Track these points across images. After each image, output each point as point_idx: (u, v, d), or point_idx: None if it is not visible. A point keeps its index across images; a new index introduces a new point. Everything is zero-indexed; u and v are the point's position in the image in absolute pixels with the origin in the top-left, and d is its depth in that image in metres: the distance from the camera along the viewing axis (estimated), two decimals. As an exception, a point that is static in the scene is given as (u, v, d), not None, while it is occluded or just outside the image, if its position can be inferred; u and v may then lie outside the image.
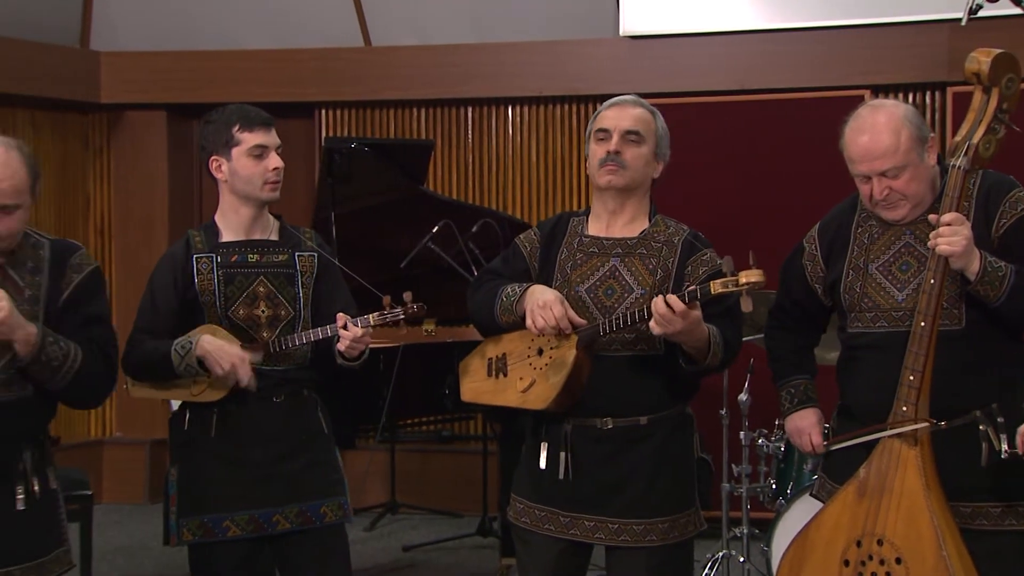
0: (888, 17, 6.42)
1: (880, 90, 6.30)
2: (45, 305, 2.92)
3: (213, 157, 3.46)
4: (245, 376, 3.35)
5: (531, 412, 3.25)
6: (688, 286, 3.00)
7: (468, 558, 6.08)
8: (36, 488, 2.93)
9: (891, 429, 2.95)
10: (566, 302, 3.12)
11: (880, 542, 2.93)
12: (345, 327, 3.38)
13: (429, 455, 7.21)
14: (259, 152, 3.43)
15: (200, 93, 7.08)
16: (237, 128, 3.43)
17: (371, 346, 3.51)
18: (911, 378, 2.91)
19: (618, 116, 3.23)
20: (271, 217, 3.56)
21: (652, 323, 2.95)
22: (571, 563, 3.25)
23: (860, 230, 3.16)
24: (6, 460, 2.88)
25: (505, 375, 3.27)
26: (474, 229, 5.38)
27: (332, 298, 3.55)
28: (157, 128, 7.42)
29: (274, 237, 3.53)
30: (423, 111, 7.28)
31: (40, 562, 2.94)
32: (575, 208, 6.97)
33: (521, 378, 3.22)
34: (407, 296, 3.50)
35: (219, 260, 3.44)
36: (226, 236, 3.48)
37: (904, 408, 2.92)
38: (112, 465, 7.30)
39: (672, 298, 2.91)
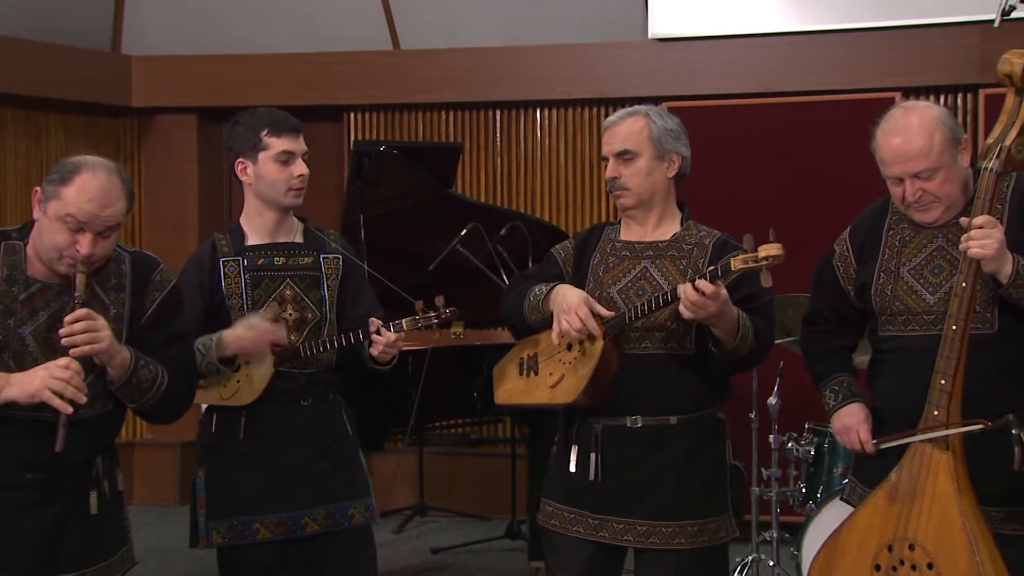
0: (918, 19, 6.37)
1: (910, 92, 6.27)
2: (128, 322, 2.93)
3: (239, 159, 3.47)
4: (283, 338, 3.38)
5: (561, 409, 3.25)
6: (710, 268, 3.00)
7: (496, 561, 6.07)
8: (107, 491, 2.96)
9: (943, 430, 2.88)
10: (591, 300, 3.12)
11: (912, 547, 2.90)
12: (378, 332, 3.39)
13: (457, 458, 7.20)
14: (285, 158, 3.44)
15: (230, 96, 7.10)
16: (265, 132, 3.44)
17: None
18: (942, 382, 2.88)
19: (609, 141, 3.25)
20: (295, 219, 3.57)
21: (681, 307, 2.94)
22: (602, 567, 3.23)
23: (891, 233, 3.13)
24: (82, 470, 2.91)
25: (536, 373, 3.27)
26: (502, 232, 5.39)
27: (357, 300, 3.56)
28: (187, 131, 7.46)
29: (299, 239, 3.54)
30: (451, 114, 7.29)
31: (109, 563, 2.97)
32: (601, 210, 7.00)
33: (551, 373, 3.22)
34: (439, 301, 3.51)
35: (246, 264, 3.45)
36: (252, 239, 3.50)
37: (935, 412, 2.89)
38: (142, 466, 7.33)
39: (700, 282, 2.90)
